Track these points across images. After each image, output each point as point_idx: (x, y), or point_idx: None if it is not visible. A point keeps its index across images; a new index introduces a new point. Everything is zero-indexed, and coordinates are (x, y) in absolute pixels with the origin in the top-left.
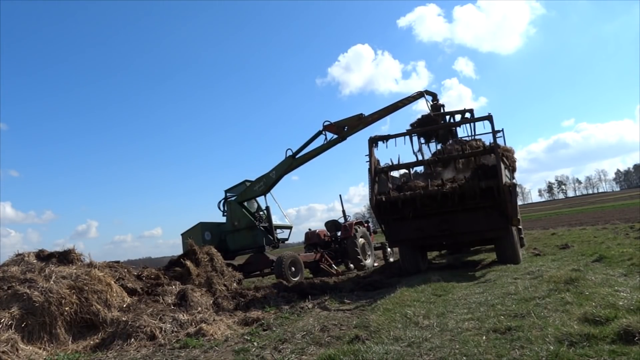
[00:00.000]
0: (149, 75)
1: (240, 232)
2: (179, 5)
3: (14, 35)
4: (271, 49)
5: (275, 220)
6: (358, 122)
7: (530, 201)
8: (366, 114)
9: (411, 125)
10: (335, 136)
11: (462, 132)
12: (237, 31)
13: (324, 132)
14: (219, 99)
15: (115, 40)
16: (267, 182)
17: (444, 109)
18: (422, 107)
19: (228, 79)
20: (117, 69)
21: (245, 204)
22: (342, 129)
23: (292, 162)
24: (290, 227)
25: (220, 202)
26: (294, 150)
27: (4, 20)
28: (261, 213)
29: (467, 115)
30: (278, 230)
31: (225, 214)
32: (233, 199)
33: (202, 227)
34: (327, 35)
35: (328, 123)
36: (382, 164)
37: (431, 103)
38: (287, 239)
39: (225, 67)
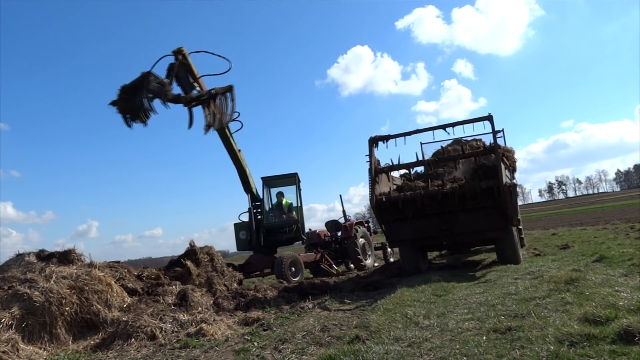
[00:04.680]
0: None
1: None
2: (179, 7)
3: (15, 36)
4: (270, 51)
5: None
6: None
7: (530, 201)
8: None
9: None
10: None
11: (462, 132)
12: (236, 33)
13: None
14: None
15: (116, 40)
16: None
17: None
18: (422, 108)
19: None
20: (118, 70)
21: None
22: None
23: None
24: (295, 222)
25: None
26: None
27: (5, 21)
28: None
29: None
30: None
31: None
32: None
33: (237, 227)
34: (326, 37)
35: None
36: (382, 164)
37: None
38: (294, 238)
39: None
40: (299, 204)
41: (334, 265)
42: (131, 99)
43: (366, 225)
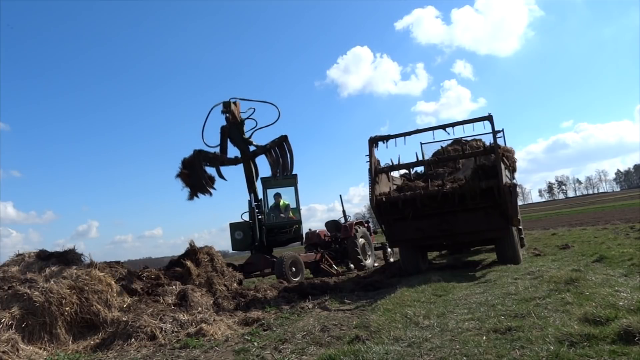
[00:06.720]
0: (150, 77)
1: None
2: (179, 10)
3: (16, 36)
4: (270, 52)
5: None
6: None
7: (530, 201)
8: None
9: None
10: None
11: (462, 132)
12: (236, 34)
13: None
14: (219, 102)
15: (118, 42)
16: None
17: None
18: (421, 109)
19: (228, 82)
20: (120, 71)
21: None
22: None
23: None
24: (297, 222)
25: None
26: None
27: (6, 21)
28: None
29: None
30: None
31: None
32: None
33: (232, 227)
34: (325, 38)
35: None
36: (382, 164)
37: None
38: (293, 238)
39: (225, 70)
40: (297, 205)
41: (334, 265)
42: (192, 174)
43: (366, 225)
